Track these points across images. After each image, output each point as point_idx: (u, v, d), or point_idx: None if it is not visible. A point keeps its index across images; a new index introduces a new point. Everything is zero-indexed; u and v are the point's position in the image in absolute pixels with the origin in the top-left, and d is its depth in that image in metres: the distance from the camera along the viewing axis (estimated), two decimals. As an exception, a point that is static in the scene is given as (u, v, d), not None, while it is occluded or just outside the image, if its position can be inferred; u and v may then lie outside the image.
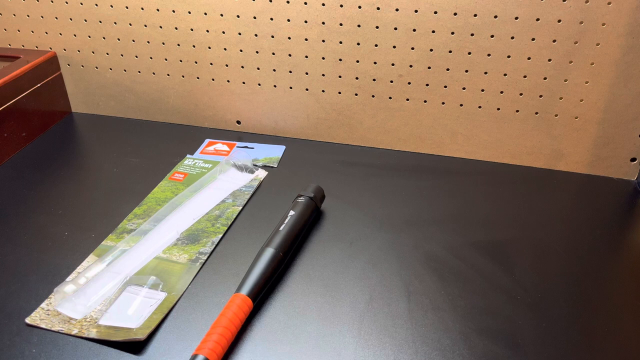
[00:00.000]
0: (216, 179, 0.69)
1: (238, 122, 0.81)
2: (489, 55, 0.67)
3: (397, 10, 0.67)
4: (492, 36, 0.66)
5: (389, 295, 0.52)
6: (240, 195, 0.67)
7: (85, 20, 0.78)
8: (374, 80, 0.72)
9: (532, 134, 0.71)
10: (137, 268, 0.55)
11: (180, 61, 0.78)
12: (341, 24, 0.69)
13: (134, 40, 0.78)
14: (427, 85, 0.71)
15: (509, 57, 0.67)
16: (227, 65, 0.76)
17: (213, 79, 0.78)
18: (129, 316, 0.49)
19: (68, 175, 0.70)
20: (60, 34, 0.80)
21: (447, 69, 0.69)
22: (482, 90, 0.70)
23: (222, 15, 0.73)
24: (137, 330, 0.47)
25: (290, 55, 0.73)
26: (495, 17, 0.65)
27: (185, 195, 0.66)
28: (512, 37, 0.66)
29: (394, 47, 0.69)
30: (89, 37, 0.79)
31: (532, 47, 0.66)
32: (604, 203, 0.67)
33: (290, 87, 0.76)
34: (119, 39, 0.78)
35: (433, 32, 0.67)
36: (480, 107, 0.71)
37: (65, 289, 0.52)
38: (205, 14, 0.73)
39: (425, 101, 0.72)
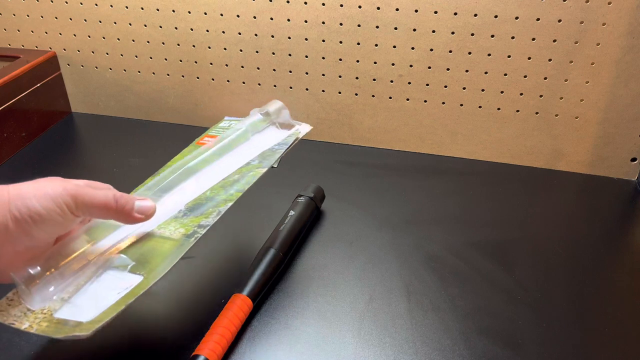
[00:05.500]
0: (248, 140, 0.56)
1: (238, 122, 0.81)
2: (489, 55, 0.67)
3: (397, 10, 0.67)
4: (492, 36, 0.66)
5: (389, 295, 0.52)
6: (270, 155, 0.53)
7: (85, 20, 0.78)
8: (374, 80, 0.72)
9: (533, 134, 0.71)
10: (123, 246, 0.45)
11: (180, 61, 0.78)
12: (341, 24, 0.69)
13: (134, 40, 0.78)
14: (427, 85, 0.71)
15: (509, 57, 0.67)
16: (227, 65, 0.76)
17: (213, 79, 0.78)
18: (88, 306, 0.41)
19: (68, 175, 0.70)
20: (60, 34, 0.80)
21: (447, 69, 0.69)
22: (483, 90, 0.70)
23: (222, 15, 0.73)
24: (86, 324, 0.39)
25: (290, 55, 0.73)
26: (496, 17, 0.65)
27: (207, 161, 0.53)
28: (513, 37, 0.66)
29: (394, 47, 0.69)
30: (89, 37, 0.79)
31: (533, 47, 0.66)
32: (604, 203, 0.67)
33: (290, 87, 0.76)
34: (118, 39, 0.78)
35: (433, 31, 0.67)
36: (480, 107, 0.71)
37: (32, 272, 0.42)
38: (205, 13, 0.73)
39: (425, 101, 0.72)
